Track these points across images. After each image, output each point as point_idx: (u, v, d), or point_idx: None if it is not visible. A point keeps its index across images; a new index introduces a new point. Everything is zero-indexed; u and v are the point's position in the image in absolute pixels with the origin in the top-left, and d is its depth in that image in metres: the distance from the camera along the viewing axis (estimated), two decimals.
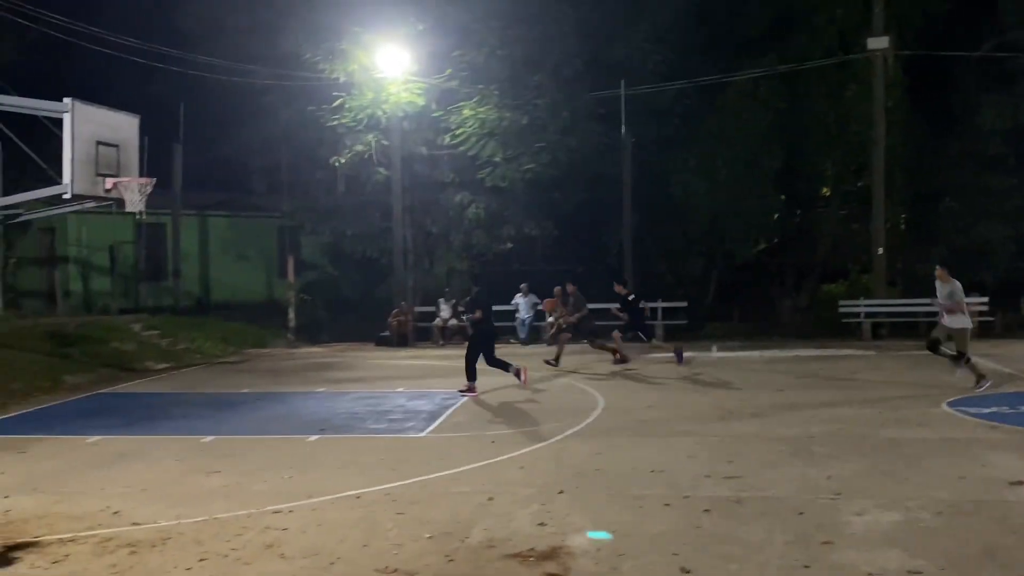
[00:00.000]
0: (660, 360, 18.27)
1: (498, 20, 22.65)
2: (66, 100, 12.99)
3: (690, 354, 18.63)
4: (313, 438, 11.27)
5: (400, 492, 8.50)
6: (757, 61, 23.97)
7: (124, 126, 14.13)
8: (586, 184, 25.05)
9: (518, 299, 22.76)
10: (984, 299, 20.78)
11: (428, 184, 24.95)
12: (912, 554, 6.38)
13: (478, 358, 14.25)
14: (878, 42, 22.72)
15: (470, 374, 14.14)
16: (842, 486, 8.20)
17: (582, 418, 11.95)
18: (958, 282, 13.48)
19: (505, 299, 22.95)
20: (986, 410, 11.64)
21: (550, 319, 22.61)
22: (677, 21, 24.71)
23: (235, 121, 27.82)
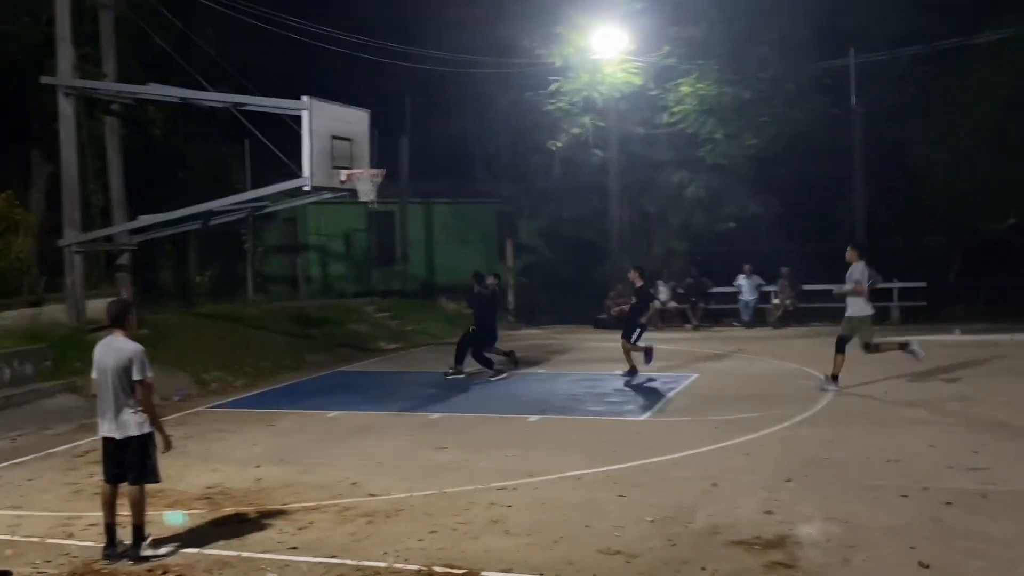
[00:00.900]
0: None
1: None
2: (304, 98, 13.82)
3: (926, 337, 17.39)
4: (534, 418, 11.49)
5: (621, 475, 8.51)
6: (1003, 20, 21.89)
7: (356, 120, 14.88)
8: (813, 158, 23.88)
9: (740, 280, 22.13)
10: None
11: (645, 164, 24.70)
12: None
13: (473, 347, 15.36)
14: None
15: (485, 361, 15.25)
16: None
17: (811, 405, 11.48)
18: (862, 263, 12.38)
19: (726, 280, 22.39)
20: None
21: (775, 301, 21.86)
22: None
23: (456, 111, 28.69)
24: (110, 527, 6.78)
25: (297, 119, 13.89)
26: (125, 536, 6.78)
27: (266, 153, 16.19)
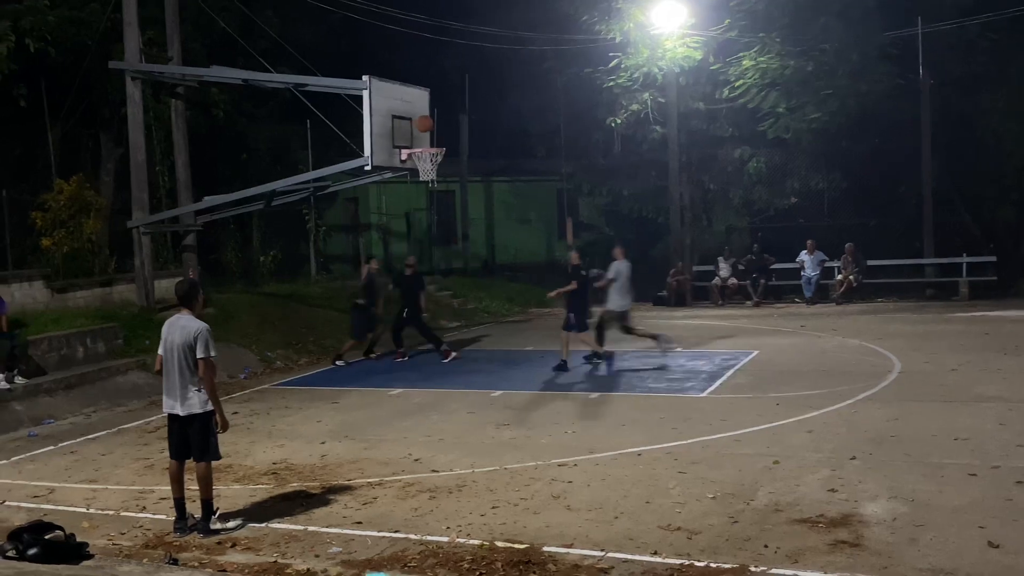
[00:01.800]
0: (958, 320, 16.83)
1: None
2: (364, 78, 13.91)
3: (995, 313, 17.00)
4: (594, 395, 11.50)
5: (681, 451, 8.48)
6: None
7: (416, 99, 14.93)
8: (878, 131, 23.34)
9: (803, 256, 21.77)
10: None
11: (705, 140, 24.40)
12: None
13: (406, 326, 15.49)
14: None
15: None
16: None
17: (875, 382, 11.29)
18: (621, 263, 13.73)
19: (789, 256, 22.06)
20: None
21: (839, 277, 21.48)
22: None
23: (516, 89, 28.62)
24: (179, 501, 6.97)
25: (358, 99, 13.99)
26: (195, 510, 6.97)
27: (327, 133, 16.38)
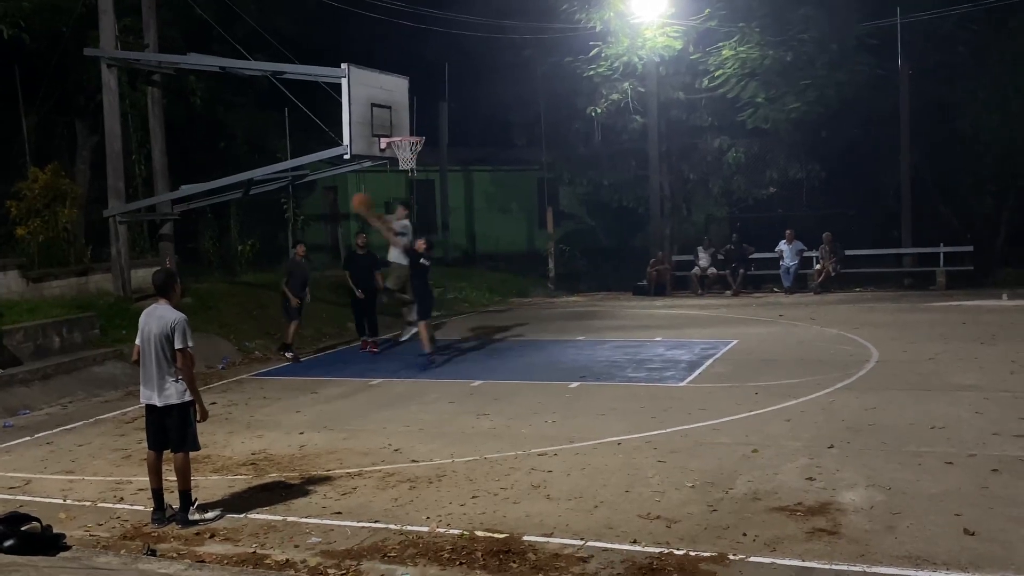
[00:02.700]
0: (935, 310, 16.97)
1: None
2: (343, 66, 13.79)
3: (973, 303, 17.18)
4: (574, 385, 11.51)
5: (661, 440, 8.51)
6: None
7: (395, 88, 14.84)
8: (857, 121, 23.47)
9: (782, 246, 21.87)
10: None
11: (685, 130, 24.45)
12: None
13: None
14: None
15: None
16: None
17: (853, 370, 11.36)
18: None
19: (768, 246, 22.16)
20: None
21: (817, 266, 21.59)
22: None
23: (496, 77, 28.54)
24: (157, 492, 6.93)
25: (337, 87, 13.89)
26: (173, 500, 6.93)
27: (306, 122, 16.27)
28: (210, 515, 6.88)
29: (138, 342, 6.99)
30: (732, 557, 5.60)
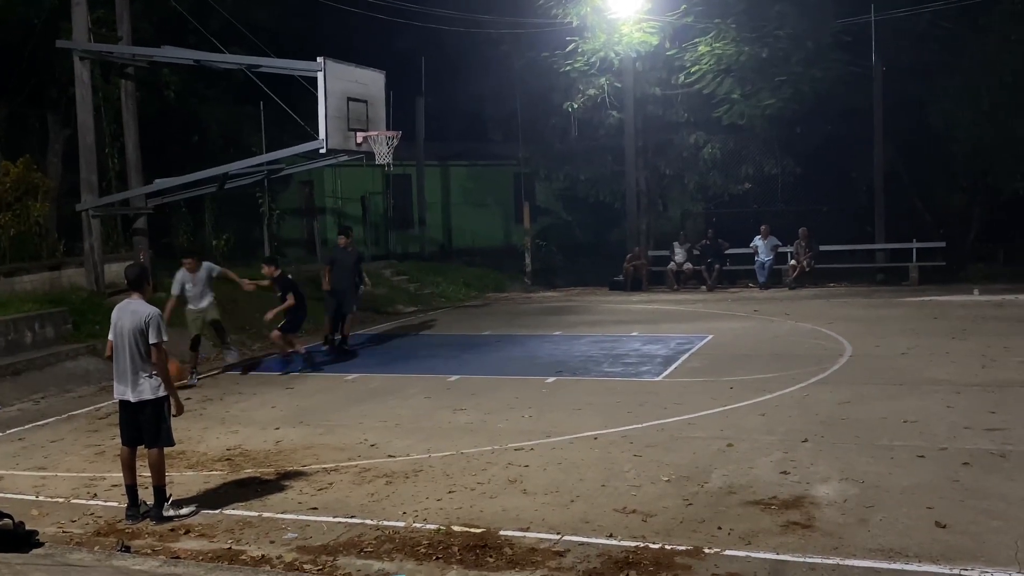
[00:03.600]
0: (908, 305, 17.14)
1: None
2: (319, 59, 13.73)
3: (945, 298, 17.36)
4: (550, 380, 11.53)
5: (637, 435, 8.54)
6: None
7: (372, 82, 14.79)
8: (832, 118, 23.65)
9: (757, 241, 22.02)
10: None
11: (661, 125, 24.53)
12: None
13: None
14: None
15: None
16: None
17: (827, 365, 11.46)
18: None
19: (743, 242, 22.29)
20: None
21: (792, 262, 21.75)
22: None
23: (473, 72, 28.52)
24: (131, 488, 6.87)
25: (312, 81, 13.82)
26: (147, 497, 6.88)
27: (281, 116, 16.16)
28: (185, 511, 6.84)
29: (111, 337, 6.93)
30: (707, 551, 5.63)
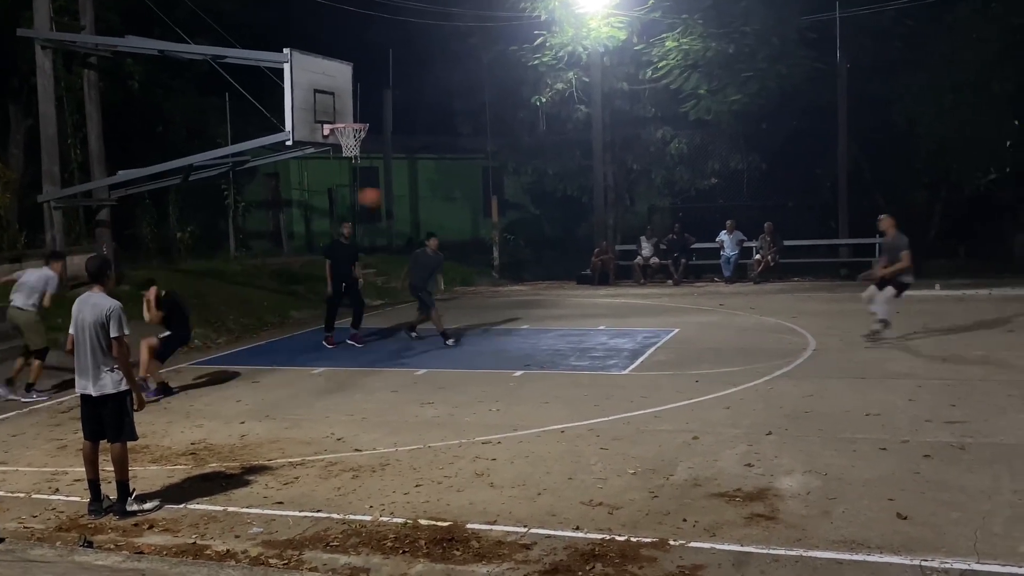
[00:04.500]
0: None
1: None
2: (285, 51, 13.62)
3: (907, 293, 17.58)
4: (518, 373, 11.55)
5: (604, 428, 8.58)
6: None
7: (339, 74, 14.70)
8: (797, 114, 23.88)
9: (723, 236, 22.19)
10: None
11: (629, 120, 24.62)
12: None
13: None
14: None
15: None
16: None
17: (791, 359, 11.58)
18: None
19: (709, 236, 22.45)
20: None
21: (757, 256, 21.94)
22: None
23: (441, 65, 28.44)
24: (94, 483, 6.80)
25: (279, 72, 13.72)
26: (110, 491, 6.81)
27: (247, 107, 16.02)
28: (148, 506, 6.77)
29: (72, 331, 6.84)
30: (672, 542, 5.68)
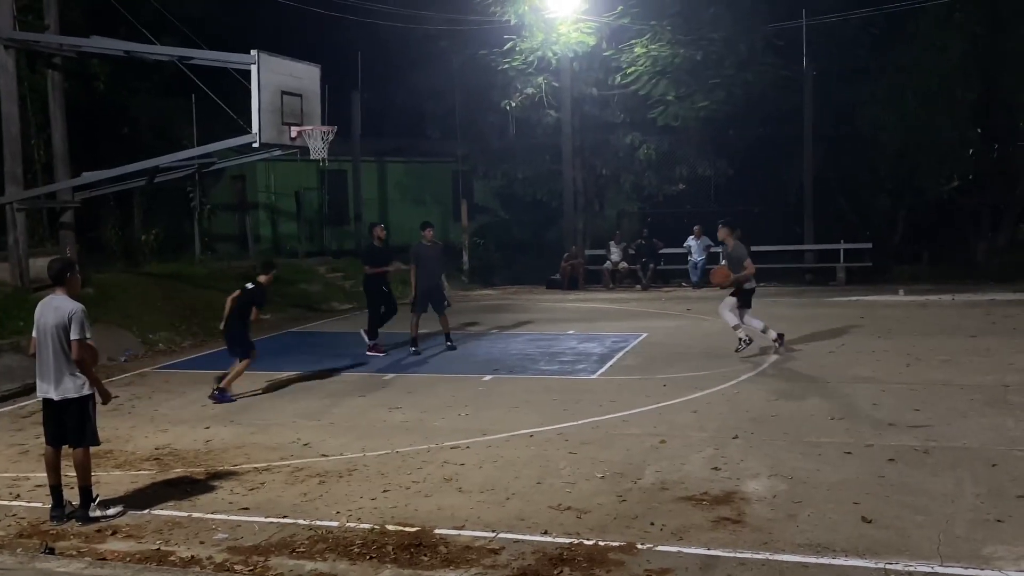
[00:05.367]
0: (835, 304, 17.51)
1: None
2: (253, 52, 13.53)
3: (871, 298, 17.82)
4: (487, 378, 11.54)
5: (572, 432, 8.60)
6: None
7: (306, 76, 14.62)
8: (763, 120, 24.10)
9: (690, 241, 22.33)
10: None
11: (598, 125, 24.72)
12: None
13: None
14: None
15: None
16: None
17: (757, 363, 11.67)
18: None
19: (677, 241, 22.57)
20: None
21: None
22: None
23: (410, 68, 28.36)
24: (56, 489, 6.69)
25: (246, 74, 13.62)
26: (73, 497, 6.71)
27: (213, 108, 15.88)
28: (112, 511, 6.68)
29: (35, 334, 6.74)
30: (640, 546, 5.70)
